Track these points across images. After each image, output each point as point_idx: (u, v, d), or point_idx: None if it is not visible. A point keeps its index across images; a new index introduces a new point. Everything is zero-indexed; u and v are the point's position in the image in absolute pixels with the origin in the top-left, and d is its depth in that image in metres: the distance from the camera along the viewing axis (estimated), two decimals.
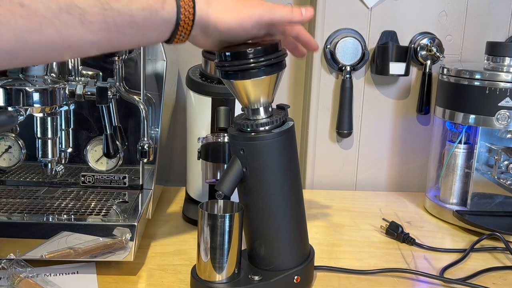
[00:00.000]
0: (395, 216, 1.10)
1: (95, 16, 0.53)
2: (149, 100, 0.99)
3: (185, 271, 0.80)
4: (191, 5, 0.59)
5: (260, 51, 0.65)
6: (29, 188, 0.95)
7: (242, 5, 0.64)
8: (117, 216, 0.85)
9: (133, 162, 1.00)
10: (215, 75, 0.97)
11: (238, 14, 0.63)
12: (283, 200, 0.73)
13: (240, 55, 0.66)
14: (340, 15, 1.20)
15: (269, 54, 0.66)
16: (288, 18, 0.68)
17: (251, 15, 0.64)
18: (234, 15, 0.63)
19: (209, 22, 0.62)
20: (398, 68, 1.18)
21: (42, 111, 0.83)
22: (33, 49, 0.53)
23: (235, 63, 0.66)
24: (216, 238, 0.71)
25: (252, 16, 0.64)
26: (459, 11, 1.22)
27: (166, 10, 0.58)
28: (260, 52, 0.65)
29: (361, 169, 1.29)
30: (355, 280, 0.82)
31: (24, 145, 0.95)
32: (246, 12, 0.64)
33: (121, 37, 0.57)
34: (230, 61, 0.66)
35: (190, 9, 0.59)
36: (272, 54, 0.66)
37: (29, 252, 0.76)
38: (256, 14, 0.64)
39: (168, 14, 0.58)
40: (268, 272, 0.74)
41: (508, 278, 0.84)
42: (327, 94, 1.24)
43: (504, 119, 0.97)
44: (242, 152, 0.70)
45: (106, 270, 0.79)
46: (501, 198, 1.05)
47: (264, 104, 0.70)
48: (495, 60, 1.03)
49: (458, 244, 0.98)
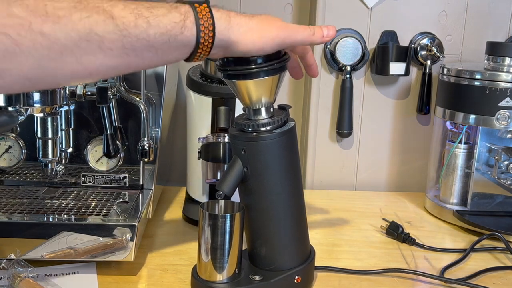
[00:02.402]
0: (395, 216, 1.10)
1: (114, 42, 0.54)
2: (149, 100, 0.99)
3: (186, 271, 0.80)
4: (210, 28, 0.58)
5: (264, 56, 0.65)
6: (30, 188, 0.95)
7: (264, 26, 0.63)
8: (118, 216, 0.85)
9: (133, 162, 1.00)
10: (215, 75, 0.97)
11: (260, 36, 0.62)
12: (284, 200, 0.73)
13: (243, 61, 0.65)
14: (340, 15, 1.20)
15: (272, 60, 0.66)
16: (310, 40, 0.68)
17: (274, 38, 0.63)
18: (256, 37, 0.62)
19: (229, 43, 0.61)
20: (398, 68, 1.18)
21: (43, 111, 0.82)
22: (54, 76, 0.54)
23: (238, 68, 0.66)
24: (216, 238, 0.71)
25: (274, 39, 0.63)
26: (459, 11, 1.22)
27: (185, 34, 0.57)
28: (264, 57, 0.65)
29: (361, 169, 1.29)
30: (355, 280, 0.82)
31: (25, 145, 0.95)
32: (269, 34, 0.63)
33: (140, 60, 0.57)
34: (233, 65, 0.66)
35: (210, 33, 0.59)
36: (275, 60, 0.66)
37: (30, 252, 0.76)
38: (279, 37, 0.64)
39: (187, 38, 0.58)
40: (268, 272, 0.74)
41: (508, 278, 0.84)
42: (327, 94, 1.24)
43: (504, 119, 0.97)
44: (243, 152, 0.70)
45: (106, 270, 0.79)
46: (501, 198, 1.05)
47: (266, 104, 0.70)
48: (495, 60, 1.03)
49: (458, 244, 0.98)
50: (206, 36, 0.58)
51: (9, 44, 0.49)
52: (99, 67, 0.55)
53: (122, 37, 0.54)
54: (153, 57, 0.57)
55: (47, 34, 0.50)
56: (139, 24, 0.54)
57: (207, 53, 0.60)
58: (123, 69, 0.57)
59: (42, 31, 0.50)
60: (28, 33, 0.49)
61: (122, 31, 0.54)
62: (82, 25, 0.52)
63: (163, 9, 0.57)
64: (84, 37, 0.52)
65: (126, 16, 0.54)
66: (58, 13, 0.51)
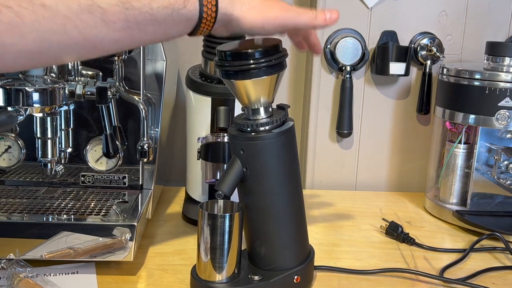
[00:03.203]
0: (395, 216, 1.10)
1: (117, 15, 0.54)
2: (148, 100, 0.99)
3: (185, 271, 0.80)
4: (213, 3, 0.59)
5: (261, 53, 0.65)
6: (29, 188, 0.95)
7: (268, 6, 0.63)
8: (117, 216, 0.85)
9: (133, 162, 1.00)
10: (215, 75, 0.97)
11: (262, 15, 0.63)
12: (283, 200, 0.73)
13: (241, 56, 0.65)
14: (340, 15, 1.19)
15: (270, 56, 0.66)
16: (312, 24, 0.68)
17: (276, 18, 0.64)
18: (258, 15, 0.62)
19: (232, 18, 0.61)
20: (398, 68, 1.18)
21: (42, 111, 0.82)
22: (57, 49, 0.53)
23: (236, 63, 0.66)
24: (216, 238, 0.71)
25: (276, 19, 0.64)
26: (459, 11, 1.22)
27: (188, 8, 0.58)
28: (261, 54, 0.65)
29: (361, 169, 1.29)
30: (355, 280, 0.82)
31: (24, 145, 0.95)
32: (271, 14, 0.63)
33: (143, 34, 0.57)
34: (231, 61, 0.66)
35: (213, 7, 0.59)
36: (273, 56, 0.66)
37: (29, 252, 0.76)
38: (282, 18, 0.64)
39: (190, 12, 0.58)
40: (268, 272, 0.74)
41: (508, 278, 0.84)
42: (327, 94, 1.24)
43: (504, 119, 0.97)
44: (242, 152, 0.70)
45: (105, 270, 0.79)
46: (501, 198, 1.05)
47: (265, 104, 0.70)
48: (495, 60, 1.03)
49: (458, 244, 0.98)
50: (209, 11, 0.59)
51: (12, 17, 0.49)
52: (102, 40, 0.55)
53: (124, 9, 0.54)
54: (156, 31, 0.57)
55: (48, 6, 0.50)
56: None
57: (210, 27, 0.61)
58: (126, 43, 0.57)
59: (43, 3, 0.50)
60: (29, 5, 0.49)
61: (124, 4, 0.54)
62: None
63: None
64: (86, 9, 0.52)
65: None
66: None
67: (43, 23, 0.50)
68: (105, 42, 0.55)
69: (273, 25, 0.64)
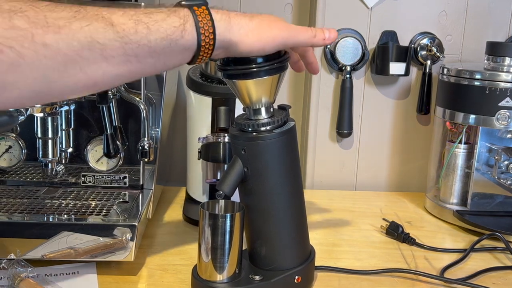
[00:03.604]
0: (395, 216, 1.10)
1: (116, 50, 0.54)
2: (149, 100, 0.99)
3: (186, 271, 0.80)
4: (211, 31, 0.58)
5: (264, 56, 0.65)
6: (30, 188, 0.95)
7: (266, 26, 0.63)
8: (118, 216, 0.85)
9: (133, 162, 1.00)
10: (215, 75, 0.97)
11: (261, 37, 0.62)
12: (284, 200, 0.73)
13: (243, 60, 0.65)
14: (340, 15, 1.20)
15: (272, 59, 0.66)
16: (311, 42, 0.68)
17: (274, 38, 0.63)
18: (256, 37, 0.62)
19: (230, 43, 0.61)
20: (398, 68, 1.18)
21: (43, 111, 0.83)
22: (60, 87, 0.53)
23: (239, 67, 0.66)
24: (217, 238, 0.71)
25: (275, 40, 0.63)
26: (459, 11, 1.22)
27: (186, 38, 0.57)
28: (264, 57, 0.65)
29: (361, 169, 1.29)
30: (355, 280, 0.82)
31: (25, 145, 0.95)
32: (270, 34, 0.63)
33: (143, 66, 0.57)
34: (233, 65, 0.66)
35: (210, 35, 0.59)
36: (275, 59, 0.66)
37: (30, 252, 0.76)
38: (280, 37, 0.64)
39: (188, 41, 0.58)
40: (269, 272, 0.74)
41: (508, 278, 0.84)
42: (327, 94, 1.24)
43: (504, 119, 0.97)
44: (243, 152, 0.70)
45: (106, 270, 0.79)
46: (501, 198, 1.05)
47: (266, 104, 0.70)
48: (495, 60, 1.03)
49: (458, 244, 0.98)
50: (206, 39, 0.58)
51: (14, 57, 0.49)
52: (103, 76, 0.55)
53: (123, 44, 0.54)
54: (155, 62, 0.57)
55: (49, 45, 0.50)
56: (139, 30, 0.54)
57: (209, 55, 0.60)
58: (127, 76, 0.57)
59: (44, 42, 0.50)
60: (31, 44, 0.49)
61: (123, 38, 0.54)
62: (83, 33, 0.52)
63: (162, 14, 0.57)
64: (86, 46, 0.52)
65: (125, 22, 0.54)
66: (58, 23, 0.51)
67: (44, 62, 0.50)
68: (106, 77, 0.55)
69: (272, 45, 0.64)
